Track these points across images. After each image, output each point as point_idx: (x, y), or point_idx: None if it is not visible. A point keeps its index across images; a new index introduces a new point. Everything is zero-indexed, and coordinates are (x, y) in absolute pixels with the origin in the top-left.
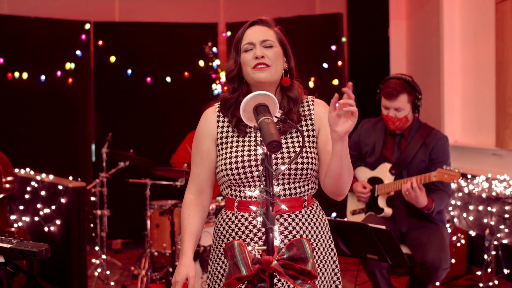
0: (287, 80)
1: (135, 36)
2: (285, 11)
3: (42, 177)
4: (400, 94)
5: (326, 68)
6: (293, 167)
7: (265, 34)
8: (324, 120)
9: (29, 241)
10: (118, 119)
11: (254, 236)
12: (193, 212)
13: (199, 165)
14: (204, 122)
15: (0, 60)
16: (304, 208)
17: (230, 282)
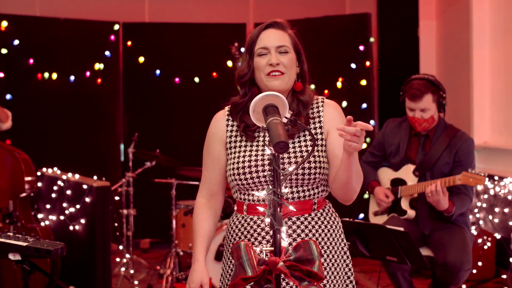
0: (299, 85)
1: (164, 37)
2: (315, 11)
3: (68, 176)
4: (425, 94)
5: (354, 68)
6: (301, 170)
7: (280, 39)
8: (334, 122)
9: (45, 240)
10: (146, 119)
11: (263, 239)
12: (204, 216)
13: (210, 169)
14: (214, 125)
15: (31, 61)
16: (314, 211)
17: (236, 283)
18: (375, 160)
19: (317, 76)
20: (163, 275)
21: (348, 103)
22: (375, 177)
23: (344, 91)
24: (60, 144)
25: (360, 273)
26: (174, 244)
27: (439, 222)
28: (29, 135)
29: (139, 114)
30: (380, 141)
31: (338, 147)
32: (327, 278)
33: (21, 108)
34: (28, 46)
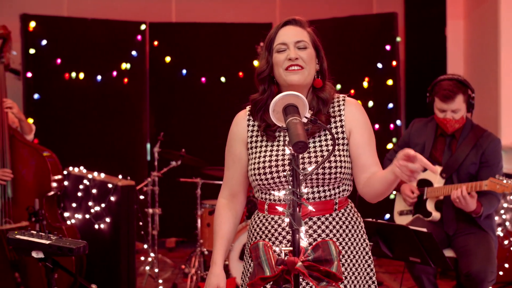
0: (319, 82)
1: (190, 37)
2: (341, 11)
3: (94, 175)
4: (457, 95)
5: (380, 68)
6: (326, 171)
7: (299, 34)
8: (356, 121)
9: (68, 238)
10: (172, 119)
11: (283, 238)
12: (225, 218)
13: (231, 169)
14: (236, 125)
15: (58, 61)
16: (335, 211)
17: (255, 282)
18: None
19: (343, 76)
20: (188, 274)
21: (375, 103)
22: None
23: (371, 91)
24: (86, 143)
25: (385, 274)
26: (199, 243)
27: (464, 225)
28: (56, 134)
29: (165, 114)
30: (406, 140)
31: (361, 147)
32: (348, 278)
33: (49, 107)
34: (55, 46)
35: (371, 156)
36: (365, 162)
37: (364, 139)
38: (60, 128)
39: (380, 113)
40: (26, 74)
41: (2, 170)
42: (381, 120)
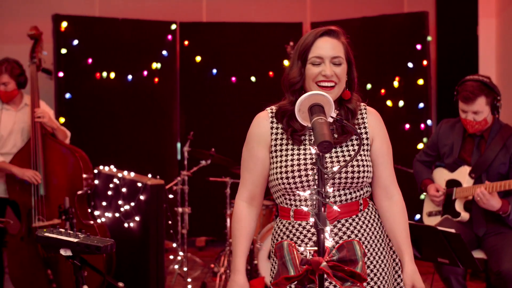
0: (348, 94)
1: (221, 36)
2: (372, 10)
3: (124, 174)
4: (478, 97)
5: (411, 67)
6: (349, 175)
7: (336, 49)
8: (378, 131)
9: (96, 236)
10: (202, 118)
11: (309, 240)
12: (244, 224)
13: (252, 171)
14: (258, 127)
15: (89, 61)
16: (360, 211)
17: (279, 282)
18: (428, 159)
19: (374, 76)
20: (217, 273)
21: (405, 103)
22: (428, 176)
23: (401, 91)
24: (117, 143)
25: None
26: (228, 242)
27: (494, 226)
28: (87, 133)
29: (196, 113)
30: (434, 141)
31: (381, 156)
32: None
33: (80, 107)
34: (87, 46)
35: (387, 169)
36: (381, 174)
37: (383, 150)
38: (91, 127)
39: (411, 113)
40: (58, 74)
41: (34, 172)
42: (412, 120)
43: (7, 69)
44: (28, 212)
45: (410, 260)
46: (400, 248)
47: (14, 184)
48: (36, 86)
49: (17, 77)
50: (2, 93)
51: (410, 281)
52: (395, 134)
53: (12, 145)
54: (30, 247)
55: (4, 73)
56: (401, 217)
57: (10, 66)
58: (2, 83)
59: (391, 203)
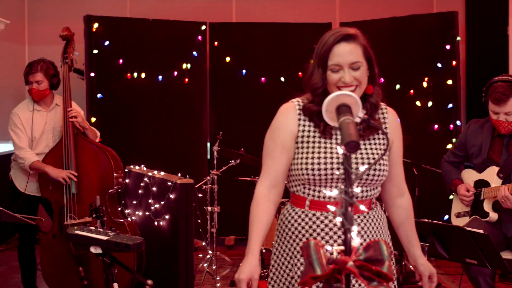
0: (370, 88)
1: (250, 36)
2: (401, 10)
3: (154, 173)
4: (509, 98)
5: (440, 67)
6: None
7: (353, 54)
8: (397, 132)
9: (125, 235)
10: (232, 118)
11: (325, 235)
12: (263, 208)
13: (277, 159)
14: (285, 117)
15: (120, 61)
16: (371, 210)
17: (306, 281)
18: (457, 160)
19: (402, 76)
20: None
21: (434, 103)
22: (457, 176)
23: (430, 91)
24: (148, 142)
25: (444, 275)
26: None
27: None
28: (118, 133)
29: (225, 113)
30: (463, 142)
31: (398, 156)
32: None
33: (111, 106)
34: (118, 47)
35: (401, 168)
36: (396, 174)
37: (399, 150)
38: (122, 127)
39: (440, 113)
40: (90, 74)
41: (69, 171)
42: (441, 120)
43: (42, 68)
44: (60, 210)
45: (421, 252)
46: (411, 242)
47: (46, 182)
48: (68, 86)
49: (51, 77)
50: (34, 91)
51: (427, 270)
52: (424, 135)
53: (45, 145)
54: (62, 244)
55: (38, 72)
56: (411, 213)
57: (45, 65)
58: (35, 81)
59: (403, 200)
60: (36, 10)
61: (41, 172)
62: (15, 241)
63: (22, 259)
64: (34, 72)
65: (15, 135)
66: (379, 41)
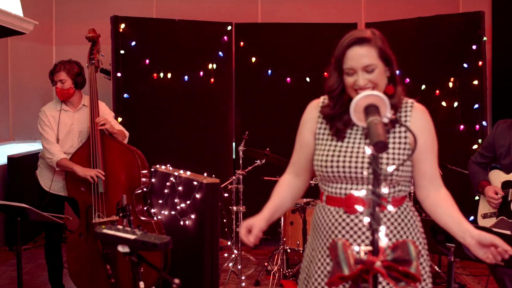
0: (390, 89)
1: (275, 37)
2: (426, 10)
3: (180, 173)
4: None
5: (466, 68)
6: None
7: (366, 58)
8: (420, 127)
9: (152, 233)
10: (257, 118)
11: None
12: (283, 189)
13: (297, 152)
14: (308, 113)
15: (147, 61)
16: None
17: (333, 281)
18: (484, 161)
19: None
20: (270, 271)
21: (460, 103)
22: (485, 177)
23: (456, 91)
24: (173, 142)
25: (470, 276)
26: (282, 241)
27: None
28: (144, 132)
29: (251, 113)
30: (490, 142)
31: (424, 153)
32: None
33: (137, 106)
34: (144, 47)
35: (432, 164)
36: (426, 169)
37: (427, 146)
38: (148, 127)
39: (466, 114)
40: (116, 74)
41: (97, 170)
42: (467, 121)
43: (65, 67)
44: (87, 209)
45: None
46: (462, 224)
47: (73, 181)
48: (95, 87)
49: (75, 76)
50: (58, 90)
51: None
52: (449, 135)
53: (69, 146)
54: (89, 243)
55: (61, 71)
56: (452, 201)
57: (69, 65)
58: (59, 80)
59: (439, 192)
60: (63, 11)
61: (68, 171)
62: (42, 239)
63: (49, 257)
64: (57, 71)
65: (44, 131)
66: (405, 42)
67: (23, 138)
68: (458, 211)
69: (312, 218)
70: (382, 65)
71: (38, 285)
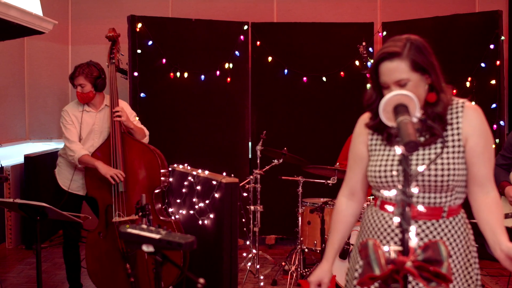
0: (432, 97)
1: (292, 36)
2: (443, 10)
3: (198, 172)
4: None
5: (483, 67)
6: (432, 178)
7: (396, 72)
8: (473, 129)
9: (177, 233)
10: (274, 118)
11: (387, 235)
12: (340, 216)
13: (352, 168)
14: (359, 126)
15: (163, 61)
16: (442, 218)
17: (364, 281)
18: (506, 162)
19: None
20: (288, 271)
21: (477, 103)
22: (506, 178)
23: (473, 91)
24: (190, 141)
25: (487, 276)
26: (300, 241)
27: None
28: (160, 131)
29: (267, 113)
30: (511, 142)
31: (475, 156)
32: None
33: (154, 106)
34: (161, 46)
35: (483, 167)
36: (477, 173)
37: (479, 148)
38: (165, 126)
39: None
40: (133, 73)
41: (117, 171)
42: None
43: (84, 71)
44: (106, 208)
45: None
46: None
47: (93, 180)
48: (115, 86)
49: (94, 79)
50: (79, 93)
51: None
52: None
53: (90, 145)
54: (109, 242)
55: (80, 75)
56: (496, 208)
57: (87, 69)
58: (78, 84)
59: (487, 197)
60: (79, 11)
61: (88, 169)
62: (57, 238)
63: (66, 256)
64: (76, 76)
65: (66, 129)
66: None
67: (39, 138)
68: (498, 219)
69: (362, 220)
70: (417, 75)
71: (55, 284)
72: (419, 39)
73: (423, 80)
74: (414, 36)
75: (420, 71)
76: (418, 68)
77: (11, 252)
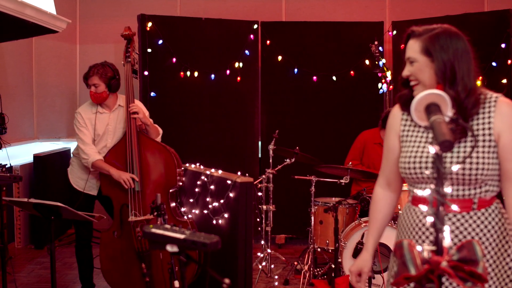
0: (438, 88)
1: (302, 35)
2: (452, 9)
3: (211, 171)
4: None
5: (494, 66)
6: (460, 171)
7: (410, 50)
8: (505, 124)
9: (201, 233)
10: (284, 117)
11: (422, 234)
12: (378, 207)
13: (387, 159)
14: (392, 118)
15: (173, 60)
16: (473, 210)
17: (398, 281)
18: None
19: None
20: (300, 271)
21: None
22: None
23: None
24: (200, 140)
25: None
26: (312, 240)
27: None
28: (170, 131)
29: (277, 112)
30: None
31: (507, 151)
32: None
33: (164, 105)
34: (171, 45)
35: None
36: (509, 168)
37: (510, 144)
38: (175, 125)
39: None
40: (144, 72)
41: (130, 175)
42: None
43: (98, 71)
44: (121, 208)
45: None
46: None
47: (109, 179)
48: (131, 85)
49: (108, 80)
50: (92, 93)
51: None
52: None
53: (103, 146)
54: (123, 241)
55: (94, 75)
56: None
57: (102, 69)
58: (92, 84)
59: None
60: (87, 10)
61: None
62: (67, 237)
63: (79, 256)
64: (90, 76)
65: (80, 132)
66: None
67: (47, 137)
68: None
69: (399, 218)
70: (425, 59)
71: (65, 284)
72: (450, 31)
73: (429, 69)
74: (447, 26)
75: (428, 56)
76: (427, 53)
77: (20, 252)
